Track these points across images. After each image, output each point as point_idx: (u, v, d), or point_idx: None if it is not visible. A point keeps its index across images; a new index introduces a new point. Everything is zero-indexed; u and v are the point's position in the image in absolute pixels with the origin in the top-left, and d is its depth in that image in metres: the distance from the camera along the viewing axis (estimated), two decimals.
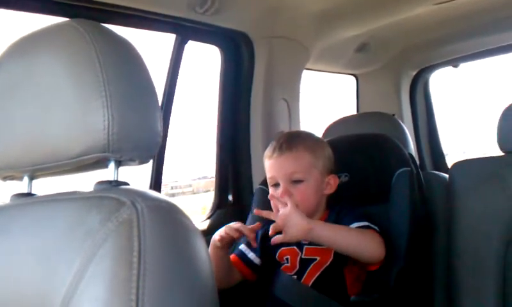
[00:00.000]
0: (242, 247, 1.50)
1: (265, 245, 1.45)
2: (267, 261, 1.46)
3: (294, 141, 1.42)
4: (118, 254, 0.64)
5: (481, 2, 2.22)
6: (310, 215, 1.38)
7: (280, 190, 1.38)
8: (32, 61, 0.80)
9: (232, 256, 1.48)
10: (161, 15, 1.75)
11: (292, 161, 1.39)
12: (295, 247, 1.40)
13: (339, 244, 1.29)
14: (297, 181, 1.38)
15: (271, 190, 1.43)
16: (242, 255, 1.48)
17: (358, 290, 1.36)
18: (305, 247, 1.38)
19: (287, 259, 1.40)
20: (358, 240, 1.30)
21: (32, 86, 0.79)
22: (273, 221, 1.31)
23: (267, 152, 1.44)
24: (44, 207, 0.77)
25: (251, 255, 1.47)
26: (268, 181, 1.44)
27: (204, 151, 2.26)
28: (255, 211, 1.40)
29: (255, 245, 1.42)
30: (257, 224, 1.40)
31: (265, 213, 1.34)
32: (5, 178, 0.89)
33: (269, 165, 1.43)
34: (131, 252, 0.63)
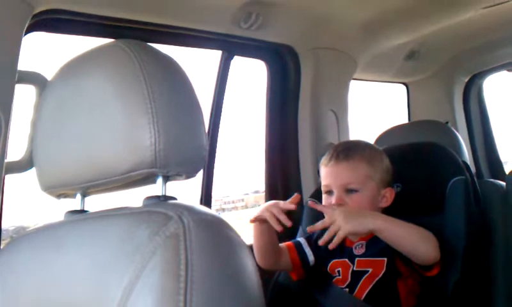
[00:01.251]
0: (301, 239, 1.49)
1: (318, 254, 1.44)
2: (317, 268, 1.44)
3: (352, 150, 1.41)
4: (165, 267, 0.65)
5: None
6: None
7: (333, 198, 1.37)
8: (81, 81, 0.84)
9: (288, 243, 1.48)
10: (206, 32, 1.79)
11: (348, 171, 1.37)
12: (347, 260, 1.37)
13: (397, 235, 1.24)
14: (351, 191, 1.37)
15: (324, 197, 1.42)
16: (298, 245, 1.47)
17: (413, 304, 1.32)
18: (357, 259, 1.36)
19: (338, 271, 1.38)
20: (415, 237, 1.26)
21: (82, 105, 0.82)
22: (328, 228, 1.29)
23: (324, 160, 1.44)
24: (96, 223, 0.80)
25: (308, 250, 1.46)
26: (322, 188, 1.43)
27: (256, 166, 2.27)
28: (310, 203, 1.37)
29: (286, 224, 1.32)
30: (296, 196, 1.34)
31: (320, 207, 1.31)
32: (59, 196, 0.93)
33: (324, 173, 1.42)
34: (178, 265, 0.64)
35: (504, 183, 1.63)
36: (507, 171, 2.94)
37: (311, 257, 1.45)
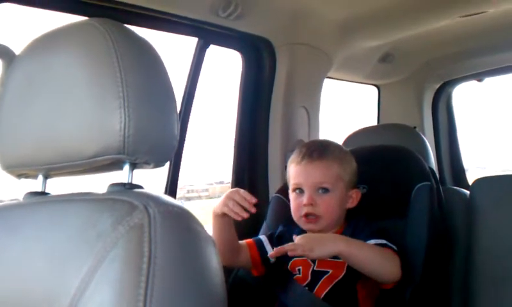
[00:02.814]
0: (263, 237, 1.48)
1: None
2: (277, 265, 1.43)
3: (326, 150, 1.40)
4: (127, 258, 0.63)
5: (509, 16, 2.18)
6: (330, 227, 1.37)
7: (304, 197, 1.36)
8: (51, 58, 0.80)
9: (249, 240, 1.46)
10: (184, 18, 1.75)
11: (322, 170, 1.37)
12: (308, 259, 1.37)
13: (360, 260, 1.25)
14: (323, 191, 1.36)
15: (293, 196, 1.41)
16: (259, 242, 1.46)
17: (370, 306, 1.33)
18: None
19: (299, 270, 1.38)
20: (378, 260, 1.26)
21: (50, 84, 0.79)
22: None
23: (295, 157, 1.42)
24: (57, 207, 0.77)
25: (268, 247, 1.44)
26: (291, 186, 1.42)
27: (222, 156, 2.25)
28: (270, 255, 1.35)
29: (250, 210, 1.29)
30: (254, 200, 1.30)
31: (279, 251, 1.24)
32: (19, 176, 0.89)
33: (295, 171, 1.40)
34: (141, 257, 0.62)
35: (467, 192, 1.66)
36: (468, 179, 3.03)
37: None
